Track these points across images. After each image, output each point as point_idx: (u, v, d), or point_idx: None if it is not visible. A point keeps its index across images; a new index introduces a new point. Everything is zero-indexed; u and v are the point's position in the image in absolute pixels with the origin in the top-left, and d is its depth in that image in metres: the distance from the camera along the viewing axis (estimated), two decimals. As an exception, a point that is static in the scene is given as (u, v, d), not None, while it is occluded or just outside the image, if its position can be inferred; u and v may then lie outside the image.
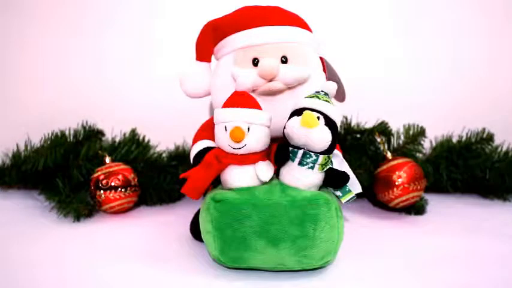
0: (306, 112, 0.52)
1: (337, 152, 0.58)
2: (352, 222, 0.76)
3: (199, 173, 0.55)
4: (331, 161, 0.56)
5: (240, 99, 0.55)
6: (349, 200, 0.57)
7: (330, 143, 0.53)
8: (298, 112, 0.53)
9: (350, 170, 0.58)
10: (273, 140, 0.59)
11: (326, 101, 0.54)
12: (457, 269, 0.58)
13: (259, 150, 0.55)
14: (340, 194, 0.57)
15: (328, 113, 0.53)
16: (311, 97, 0.54)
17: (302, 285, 0.54)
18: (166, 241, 0.68)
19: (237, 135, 0.53)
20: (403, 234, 0.70)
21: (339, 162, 0.58)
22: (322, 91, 0.56)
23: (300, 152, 0.53)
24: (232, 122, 0.54)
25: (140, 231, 0.72)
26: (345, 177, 0.55)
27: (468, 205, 0.86)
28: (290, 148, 0.54)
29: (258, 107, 0.56)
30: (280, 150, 0.55)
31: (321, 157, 0.53)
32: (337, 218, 0.54)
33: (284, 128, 0.54)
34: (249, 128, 0.54)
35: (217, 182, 0.58)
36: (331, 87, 0.56)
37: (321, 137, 0.52)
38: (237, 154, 0.55)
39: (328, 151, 0.54)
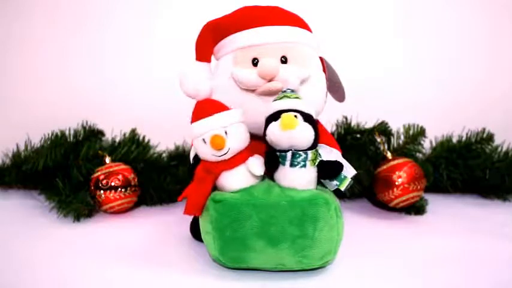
0: (283, 115, 0.52)
1: (321, 144, 0.58)
2: (352, 222, 0.76)
3: (195, 190, 0.55)
4: (319, 153, 0.56)
5: (207, 108, 0.56)
6: (347, 186, 0.57)
7: (314, 137, 0.53)
8: (274, 117, 0.53)
9: (340, 155, 0.58)
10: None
11: (296, 97, 0.54)
12: (457, 269, 0.58)
13: (243, 148, 0.56)
14: (338, 183, 0.57)
15: (303, 109, 0.53)
16: (280, 98, 0.54)
17: (302, 285, 0.54)
18: (166, 241, 0.68)
19: (218, 142, 0.53)
20: (403, 234, 0.70)
21: (327, 152, 0.58)
22: (288, 89, 0.55)
23: (289, 154, 0.53)
24: (209, 132, 0.54)
25: (140, 231, 0.72)
26: (338, 166, 0.55)
27: (468, 205, 0.86)
28: (278, 153, 0.54)
29: (226, 108, 0.56)
30: (269, 158, 0.55)
31: (310, 153, 0.53)
32: (336, 218, 0.54)
33: (265, 136, 0.54)
34: (226, 132, 0.54)
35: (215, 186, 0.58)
36: (294, 80, 0.55)
37: (305, 135, 0.52)
38: (225, 160, 0.55)
39: (314, 145, 0.54)
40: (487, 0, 1.26)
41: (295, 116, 0.52)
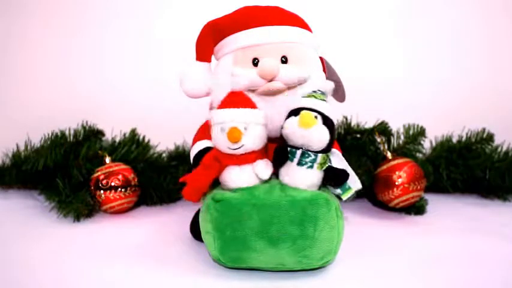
0: (304, 112, 0.52)
1: (335, 150, 0.58)
2: (352, 222, 0.76)
3: (198, 174, 0.55)
4: (330, 160, 0.56)
5: (236, 100, 0.56)
6: (349, 197, 0.57)
7: (328, 142, 0.53)
8: (295, 112, 0.53)
9: (348, 166, 0.58)
10: (273, 140, 0.59)
11: (323, 100, 0.54)
12: (456, 268, 0.58)
13: (256, 149, 0.56)
14: (341, 192, 0.57)
15: (326, 112, 0.53)
16: (308, 97, 0.55)
17: (302, 285, 0.54)
18: (166, 241, 0.68)
19: (235, 135, 0.53)
20: (403, 234, 0.70)
21: (338, 160, 0.58)
22: (318, 90, 0.56)
23: (299, 152, 0.53)
24: (229, 122, 0.54)
25: (140, 231, 0.72)
26: (344, 175, 0.55)
27: (468, 205, 0.86)
28: (288, 148, 0.54)
29: (254, 106, 0.56)
30: (279, 151, 0.55)
31: (320, 156, 0.53)
32: (336, 218, 0.54)
33: (282, 128, 0.54)
34: (245, 128, 0.54)
35: (215, 183, 0.58)
36: (329, 86, 0.56)
37: (320, 137, 0.52)
38: (235, 154, 0.55)
39: (326, 150, 0.54)
40: (486, 1, 1.26)
41: (316, 117, 0.52)
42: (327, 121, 0.53)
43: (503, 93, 1.23)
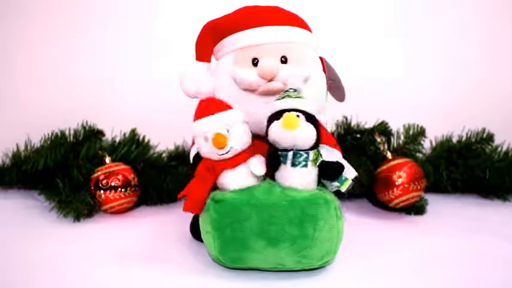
0: (286, 114, 0.52)
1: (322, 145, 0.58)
2: (352, 222, 0.76)
3: (195, 187, 0.55)
4: (321, 154, 0.56)
5: (210, 106, 0.56)
6: (348, 187, 0.57)
7: (316, 137, 0.53)
8: (276, 116, 0.53)
9: (341, 156, 0.58)
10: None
11: (298, 97, 0.54)
12: (457, 269, 0.58)
13: (245, 147, 0.56)
14: (339, 184, 0.57)
15: (306, 108, 0.53)
16: (283, 98, 0.54)
17: (302, 285, 0.54)
18: (166, 241, 0.68)
19: (220, 141, 0.53)
20: (403, 234, 0.70)
21: (328, 152, 0.58)
22: (290, 89, 0.56)
23: (290, 154, 0.53)
24: (211, 130, 0.54)
25: (140, 231, 0.72)
26: (339, 168, 0.55)
27: (468, 205, 0.86)
28: (279, 152, 0.54)
29: (229, 107, 0.57)
30: (271, 157, 0.55)
31: (311, 153, 0.53)
32: (336, 218, 0.54)
33: (267, 135, 0.54)
34: (228, 130, 0.54)
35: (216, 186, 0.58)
36: (294, 80, 0.56)
37: (307, 135, 0.52)
38: (226, 159, 0.55)
39: (316, 145, 0.54)
40: (487, 1, 1.26)
41: (298, 116, 0.52)
42: (309, 117, 0.53)
43: (503, 93, 1.23)
